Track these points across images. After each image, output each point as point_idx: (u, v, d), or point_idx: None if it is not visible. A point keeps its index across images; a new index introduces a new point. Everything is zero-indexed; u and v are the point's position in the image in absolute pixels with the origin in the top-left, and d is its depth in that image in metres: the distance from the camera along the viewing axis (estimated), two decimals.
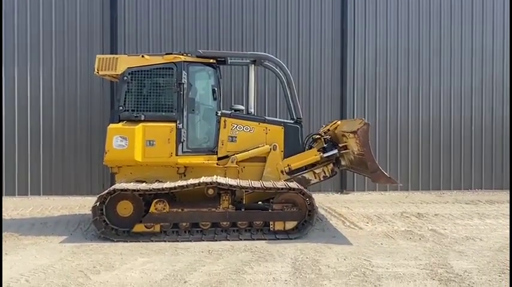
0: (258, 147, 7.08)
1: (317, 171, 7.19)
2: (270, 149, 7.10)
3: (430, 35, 10.77)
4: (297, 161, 7.10)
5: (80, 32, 10.08)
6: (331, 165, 7.31)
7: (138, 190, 6.18)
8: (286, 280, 4.57)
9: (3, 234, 6.49)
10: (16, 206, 8.78)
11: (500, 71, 10.95)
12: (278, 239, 6.16)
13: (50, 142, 10.02)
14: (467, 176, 10.92)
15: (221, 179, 6.42)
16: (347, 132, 6.72)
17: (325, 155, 7.23)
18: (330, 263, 5.14)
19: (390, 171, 10.09)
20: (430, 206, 9.01)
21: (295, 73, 10.30)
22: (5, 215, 7.93)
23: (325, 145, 7.36)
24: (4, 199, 9.62)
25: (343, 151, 7.10)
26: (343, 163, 7.50)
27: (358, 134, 6.24)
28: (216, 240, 6.12)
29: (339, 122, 7.77)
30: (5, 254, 5.50)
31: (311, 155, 7.25)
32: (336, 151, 7.22)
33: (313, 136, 7.90)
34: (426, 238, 6.29)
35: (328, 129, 7.79)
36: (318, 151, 7.29)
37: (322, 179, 7.29)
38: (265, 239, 6.14)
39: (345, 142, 7.00)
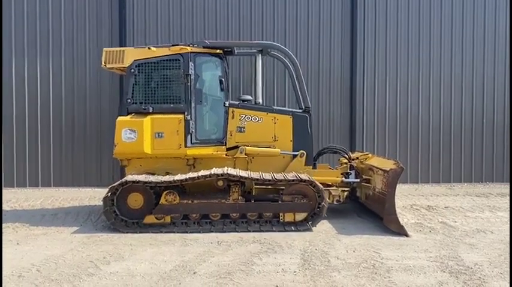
0: (270, 147, 7.02)
1: (334, 193, 6.96)
2: (297, 155, 7.04)
3: (441, 24, 10.58)
4: (318, 175, 6.93)
5: (89, 23, 10.09)
6: (348, 192, 7.15)
7: (149, 182, 6.21)
8: (295, 271, 4.57)
9: (15, 224, 6.58)
10: (27, 197, 8.87)
11: None
12: (287, 231, 6.15)
13: (59, 134, 10.09)
14: (478, 169, 10.78)
15: (232, 171, 6.41)
16: (377, 168, 6.72)
17: (346, 180, 7.18)
18: (339, 255, 5.13)
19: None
20: (440, 198, 8.93)
21: (304, 62, 10.26)
22: (16, 206, 8.03)
23: (349, 171, 7.34)
24: (15, 190, 9.76)
25: (364, 184, 7.11)
26: (358, 194, 7.47)
27: (389, 174, 6.25)
28: (225, 231, 6.14)
29: (370, 155, 7.81)
30: (17, 244, 5.58)
31: (333, 175, 7.20)
32: (358, 180, 7.20)
33: (341, 158, 7.85)
34: (436, 231, 6.24)
35: (357, 158, 7.76)
36: (342, 174, 7.27)
37: (334, 202, 6.98)
38: (274, 231, 6.13)
39: (370, 176, 6.99)
